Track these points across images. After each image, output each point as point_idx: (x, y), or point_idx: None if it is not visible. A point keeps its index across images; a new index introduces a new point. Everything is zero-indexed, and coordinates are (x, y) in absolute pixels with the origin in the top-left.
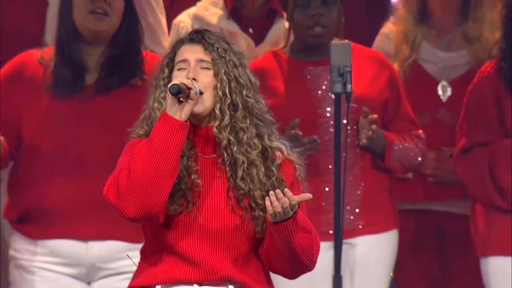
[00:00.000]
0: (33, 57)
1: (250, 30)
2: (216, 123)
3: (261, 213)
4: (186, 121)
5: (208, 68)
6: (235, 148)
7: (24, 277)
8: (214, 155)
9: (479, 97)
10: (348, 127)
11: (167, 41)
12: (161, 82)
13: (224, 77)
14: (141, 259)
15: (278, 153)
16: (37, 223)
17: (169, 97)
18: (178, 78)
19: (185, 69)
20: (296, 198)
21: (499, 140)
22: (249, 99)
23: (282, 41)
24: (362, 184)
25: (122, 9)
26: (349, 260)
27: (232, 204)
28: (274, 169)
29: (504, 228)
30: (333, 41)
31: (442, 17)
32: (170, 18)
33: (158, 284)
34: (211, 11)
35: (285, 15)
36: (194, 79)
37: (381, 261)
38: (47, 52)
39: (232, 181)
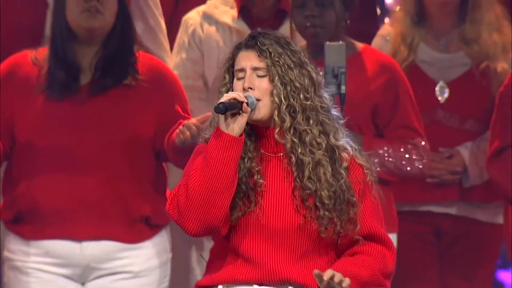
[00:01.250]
0: (27, 57)
1: (259, 30)
2: (277, 129)
3: (326, 213)
4: (240, 135)
5: (264, 76)
6: (300, 150)
7: (19, 278)
8: (280, 154)
9: (508, 98)
10: None
11: (168, 44)
12: (223, 89)
13: (279, 83)
14: (209, 259)
15: (345, 155)
16: (31, 224)
17: (220, 114)
18: (236, 89)
19: (243, 78)
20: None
21: None
22: (308, 102)
23: None
24: None
25: (116, 9)
26: None
27: (297, 203)
28: (342, 171)
29: None
30: (327, 42)
31: (440, 19)
32: (176, 17)
33: (220, 284)
34: (220, 9)
35: None
36: (250, 88)
37: None
38: (41, 53)
39: (298, 181)
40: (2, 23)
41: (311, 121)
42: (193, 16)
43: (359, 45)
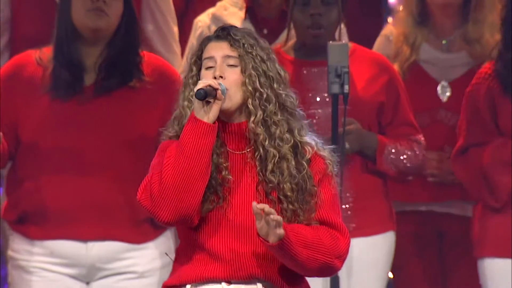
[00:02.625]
0: (31, 57)
1: (265, 31)
2: (252, 118)
3: (290, 206)
4: (214, 123)
5: (235, 65)
6: (266, 142)
7: (23, 277)
8: (244, 151)
9: (475, 98)
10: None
11: (179, 48)
12: (190, 81)
13: (253, 72)
14: (176, 258)
15: (308, 148)
16: (36, 224)
17: (195, 100)
18: (205, 78)
19: (212, 67)
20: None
21: (494, 140)
22: (281, 92)
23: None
24: (352, 186)
25: (121, 10)
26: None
27: (261, 198)
28: (304, 163)
29: (500, 230)
30: (330, 42)
31: (442, 19)
32: (188, 19)
33: (187, 283)
34: (230, 10)
35: None
36: (221, 77)
37: (375, 263)
38: (45, 53)
39: (261, 175)
40: (16, 32)
41: (281, 115)
42: (202, 19)
43: (349, 44)
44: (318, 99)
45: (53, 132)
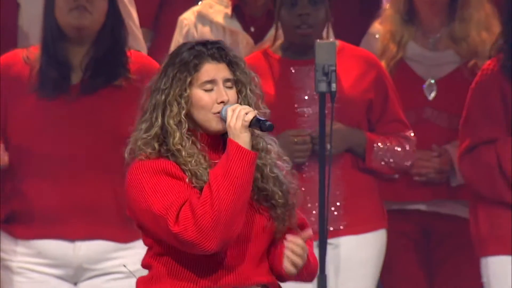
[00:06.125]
0: (18, 56)
1: (252, 29)
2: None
3: (282, 210)
4: None
5: (231, 87)
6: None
7: (11, 278)
8: None
9: (484, 95)
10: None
11: (140, 32)
12: (182, 100)
13: (249, 93)
14: (156, 271)
15: (273, 150)
16: (24, 224)
17: (249, 131)
18: (206, 101)
19: (211, 90)
20: (302, 243)
21: (506, 136)
22: (262, 109)
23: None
24: (343, 184)
25: (105, 8)
26: (332, 260)
27: (257, 207)
28: (281, 164)
29: (508, 228)
30: (318, 40)
31: (429, 17)
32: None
33: None
34: (215, 8)
35: None
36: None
37: (365, 262)
38: (32, 52)
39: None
40: None
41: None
42: (188, 17)
43: (336, 42)
44: (306, 97)
45: (40, 131)
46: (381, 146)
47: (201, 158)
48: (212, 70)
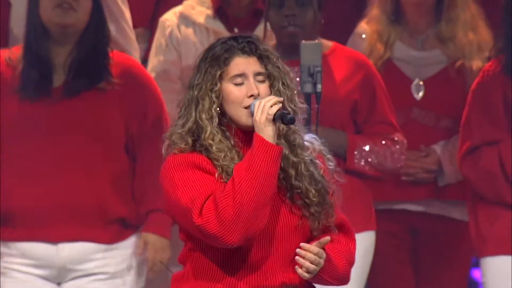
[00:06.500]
0: (0, 57)
1: (236, 30)
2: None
3: (316, 209)
4: None
5: (263, 81)
6: (287, 152)
7: None
8: None
9: (485, 96)
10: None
11: (133, 33)
12: (213, 95)
13: (281, 87)
14: (190, 268)
15: (311, 147)
16: (7, 226)
17: (273, 124)
18: (237, 95)
19: (241, 83)
20: (315, 249)
21: (507, 137)
22: (299, 104)
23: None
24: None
25: (90, 7)
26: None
27: (290, 205)
28: (318, 162)
29: (508, 228)
30: (303, 41)
31: (416, 18)
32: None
33: None
34: (197, 9)
35: None
36: (258, 95)
37: None
38: (14, 53)
39: (284, 182)
40: None
41: (297, 124)
42: (170, 18)
43: (329, 43)
44: None
45: (22, 133)
46: (363, 147)
47: (234, 153)
48: (242, 63)
